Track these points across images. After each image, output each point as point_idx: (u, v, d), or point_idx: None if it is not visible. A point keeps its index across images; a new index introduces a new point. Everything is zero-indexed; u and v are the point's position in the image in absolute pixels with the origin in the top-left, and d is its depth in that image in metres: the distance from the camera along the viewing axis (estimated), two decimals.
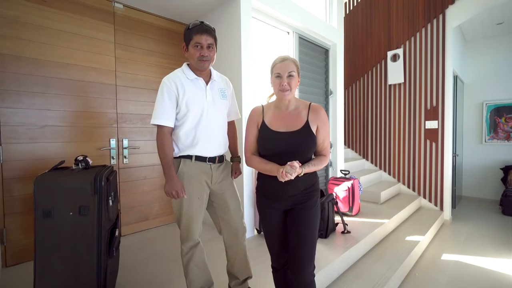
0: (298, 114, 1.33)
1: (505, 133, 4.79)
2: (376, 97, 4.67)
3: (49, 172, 1.48)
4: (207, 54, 1.42)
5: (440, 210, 3.96)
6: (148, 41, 2.83)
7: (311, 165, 1.26)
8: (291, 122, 1.31)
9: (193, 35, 1.40)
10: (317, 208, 1.34)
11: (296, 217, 1.31)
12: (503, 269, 2.59)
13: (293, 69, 1.29)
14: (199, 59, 1.41)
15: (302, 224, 1.29)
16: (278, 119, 1.34)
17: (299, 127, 1.29)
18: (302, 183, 1.29)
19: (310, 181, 1.33)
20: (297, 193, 1.30)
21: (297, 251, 1.29)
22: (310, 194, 1.33)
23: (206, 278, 1.53)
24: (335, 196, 3.17)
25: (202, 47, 1.41)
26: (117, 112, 2.62)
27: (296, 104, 1.36)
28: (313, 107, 1.34)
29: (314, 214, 1.32)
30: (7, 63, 2.04)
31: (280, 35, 3.17)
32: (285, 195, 1.30)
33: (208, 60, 1.44)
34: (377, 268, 2.27)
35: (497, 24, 4.41)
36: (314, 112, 1.32)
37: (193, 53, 1.42)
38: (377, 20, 4.61)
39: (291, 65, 1.29)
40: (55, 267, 1.38)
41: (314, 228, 1.31)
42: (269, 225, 1.39)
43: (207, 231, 2.66)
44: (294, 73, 1.29)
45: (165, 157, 1.40)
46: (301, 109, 1.34)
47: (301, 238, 1.29)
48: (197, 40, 1.40)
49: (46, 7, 2.20)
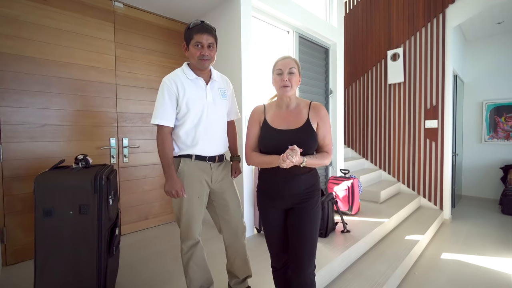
0: (299, 112, 1.34)
1: (505, 132, 4.79)
2: (376, 96, 4.67)
3: (50, 171, 1.48)
4: (207, 53, 1.42)
5: (439, 209, 3.97)
6: (148, 40, 2.83)
7: (314, 158, 1.27)
8: (292, 120, 1.33)
9: (194, 34, 1.41)
10: (318, 207, 1.34)
11: (297, 216, 1.31)
12: (503, 268, 2.59)
13: (294, 66, 1.32)
14: (200, 58, 1.42)
15: (303, 224, 1.29)
16: (280, 117, 1.35)
17: (300, 124, 1.31)
18: (303, 182, 1.30)
19: (311, 181, 1.33)
20: (298, 192, 1.30)
21: (298, 251, 1.29)
22: (311, 194, 1.33)
23: (206, 277, 1.53)
24: (335, 195, 3.17)
25: (202, 46, 1.41)
26: (117, 111, 2.62)
27: (297, 103, 1.38)
28: (314, 105, 1.35)
29: (315, 214, 1.32)
30: (7, 62, 2.04)
31: (280, 34, 3.17)
32: (286, 193, 1.30)
33: (208, 60, 1.44)
34: (377, 267, 2.27)
35: (497, 23, 4.41)
36: (314, 110, 1.34)
37: (193, 52, 1.42)
38: (377, 19, 4.60)
39: (292, 63, 1.32)
40: (56, 265, 1.39)
41: (315, 228, 1.31)
42: (269, 224, 1.39)
43: (207, 230, 2.66)
44: (295, 70, 1.32)
45: (165, 157, 1.41)
46: (302, 107, 1.36)
47: (302, 237, 1.29)
48: (197, 39, 1.40)
49: (47, 6, 2.20)
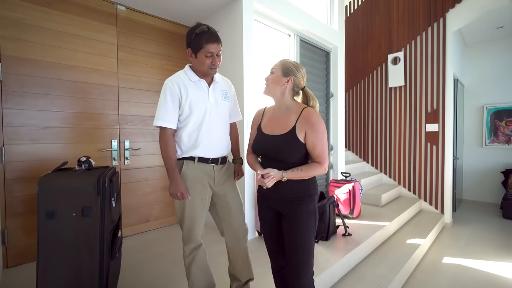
0: (288, 118, 1.30)
1: (505, 136, 4.80)
2: (377, 100, 4.69)
3: (52, 173, 1.48)
4: (218, 61, 1.44)
5: (440, 213, 3.96)
6: (150, 43, 2.85)
7: (297, 171, 1.22)
8: (279, 126, 1.30)
9: (204, 44, 1.38)
10: (310, 214, 1.28)
11: (289, 223, 1.28)
12: (504, 272, 2.58)
13: (276, 67, 1.33)
14: (210, 67, 1.43)
15: (295, 231, 1.26)
16: (271, 122, 1.35)
17: (284, 131, 1.27)
18: (287, 189, 1.27)
19: (299, 187, 1.27)
20: (285, 197, 1.28)
21: (293, 258, 1.27)
22: (301, 201, 1.27)
23: (208, 280, 1.53)
24: (336, 198, 3.17)
25: (213, 55, 1.41)
26: (119, 114, 2.63)
27: (290, 107, 1.32)
28: (304, 112, 1.27)
29: (308, 220, 1.27)
30: (10, 65, 2.05)
31: (282, 37, 3.19)
32: (274, 195, 1.32)
33: (217, 67, 1.47)
34: (378, 271, 2.26)
35: (497, 28, 4.43)
36: (303, 118, 1.26)
37: (203, 61, 1.41)
38: (378, 23, 4.63)
39: (276, 64, 1.34)
40: (58, 267, 1.38)
41: (308, 234, 1.26)
42: (266, 225, 1.40)
43: (209, 233, 2.66)
44: (274, 70, 1.33)
45: (168, 159, 1.41)
46: (292, 113, 1.30)
47: (295, 244, 1.26)
48: (208, 49, 1.38)
49: (50, 9, 2.22)
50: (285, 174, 1.22)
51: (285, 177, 1.21)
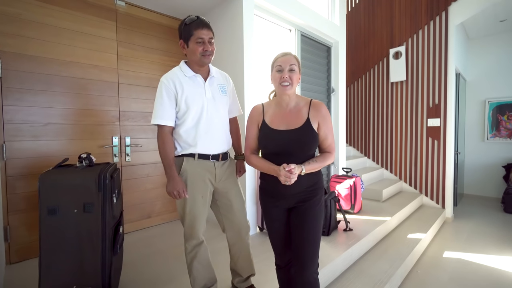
0: (298, 111, 1.30)
1: (507, 130, 4.78)
2: (378, 95, 4.66)
3: (54, 170, 1.48)
4: (210, 48, 1.41)
5: (442, 208, 3.96)
6: (150, 39, 2.83)
7: (313, 162, 1.25)
8: (292, 120, 1.29)
9: (193, 30, 1.38)
10: (321, 205, 1.32)
11: (299, 215, 1.30)
12: (505, 266, 2.59)
13: (295, 63, 1.28)
14: (202, 54, 1.40)
15: (306, 223, 1.28)
16: (279, 117, 1.32)
17: (300, 124, 1.27)
18: (304, 181, 1.27)
19: (313, 179, 1.31)
20: (300, 191, 1.29)
21: (301, 250, 1.28)
22: (313, 192, 1.31)
23: (209, 276, 1.53)
24: (337, 193, 3.17)
25: (204, 42, 1.39)
26: (120, 110, 2.62)
27: (297, 101, 1.34)
28: (314, 104, 1.31)
29: (318, 212, 1.30)
30: (9, 61, 2.04)
31: (282, 32, 3.16)
32: (288, 193, 1.29)
33: (210, 55, 1.43)
34: (379, 266, 2.27)
35: (500, 21, 4.38)
36: (314, 109, 1.29)
37: (195, 49, 1.39)
38: (379, 17, 4.58)
39: (292, 60, 1.29)
40: (60, 264, 1.39)
41: (318, 226, 1.30)
42: (272, 223, 1.39)
43: (210, 229, 2.66)
44: (295, 67, 1.28)
45: (166, 157, 1.40)
46: (302, 106, 1.32)
47: (305, 236, 1.28)
48: (198, 35, 1.38)
49: (49, 4, 2.20)
50: (304, 167, 1.21)
51: (304, 170, 1.21)
